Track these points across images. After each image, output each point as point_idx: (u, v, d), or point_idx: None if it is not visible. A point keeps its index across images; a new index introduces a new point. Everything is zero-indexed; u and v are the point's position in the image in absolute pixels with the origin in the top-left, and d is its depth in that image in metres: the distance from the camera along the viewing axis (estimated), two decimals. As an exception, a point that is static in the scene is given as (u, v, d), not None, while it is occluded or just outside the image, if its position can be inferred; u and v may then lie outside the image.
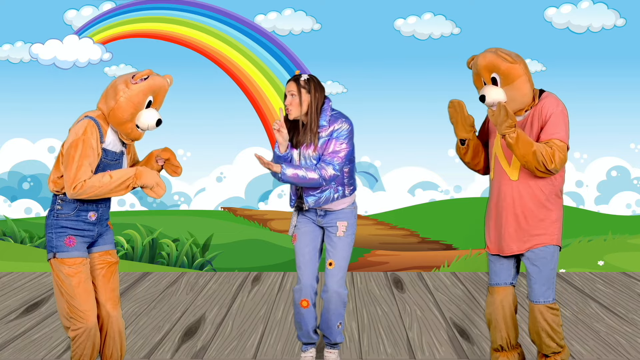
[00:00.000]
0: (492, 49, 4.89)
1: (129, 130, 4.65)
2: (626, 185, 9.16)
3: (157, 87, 4.68)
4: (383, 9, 9.07)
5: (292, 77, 5.34)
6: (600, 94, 9.04)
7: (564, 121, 4.82)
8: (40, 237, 9.12)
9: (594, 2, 9.01)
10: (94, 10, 9.08)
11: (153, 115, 4.67)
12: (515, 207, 4.89)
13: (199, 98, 9.11)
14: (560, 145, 4.76)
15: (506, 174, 4.92)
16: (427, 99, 9.01)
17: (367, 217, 9.19)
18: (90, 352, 4.73)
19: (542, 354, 5.08)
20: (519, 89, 4.81)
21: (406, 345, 6.19)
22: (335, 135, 5.28)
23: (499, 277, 5.06)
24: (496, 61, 4.80)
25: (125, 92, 4.60)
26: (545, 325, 4.96)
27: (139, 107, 4.63)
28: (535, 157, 4.71)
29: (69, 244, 4.67)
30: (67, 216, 4.69)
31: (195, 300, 7.65)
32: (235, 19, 9.11)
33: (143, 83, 4.63)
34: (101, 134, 4.62)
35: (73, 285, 4.64)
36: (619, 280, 8.52)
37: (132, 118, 4.63)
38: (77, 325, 4.67)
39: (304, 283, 5.39)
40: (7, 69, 9.10)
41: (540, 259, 4.90)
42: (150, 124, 4.67)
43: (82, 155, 4.53)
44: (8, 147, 9.18)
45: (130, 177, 4.60)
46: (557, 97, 4.92)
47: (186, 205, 9.23)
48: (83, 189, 4.52)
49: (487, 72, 4.83)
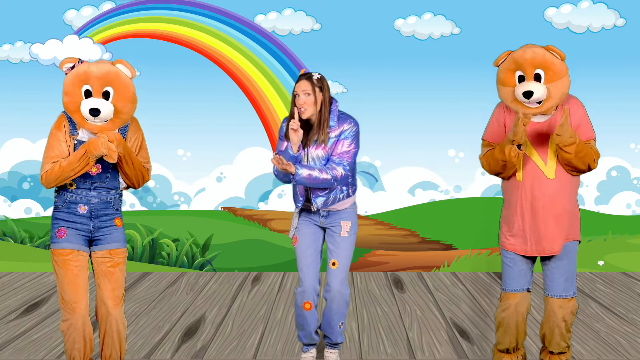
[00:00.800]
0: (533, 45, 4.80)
1: (79, 121, 4.66)
2: (626, 185, 9.16)
3: (83, 75, 4.62)
4: (383, 9, 9.07)
5: (304, 75, 5.29)
6: (600, 94, 9.03)
7: (590, 120, 4.94)
8: (40, 237, 9.12)
9: (594, 2, 9.01)
10: (94, 10, 9.08)
11: (85, 105, 4.60)
12: (556, 207, 4.84)
13: (199, 98, 9.10)
14: (594, 145, 4.87)
15: (542, 173, 4.84)
16: (427, 99, 9.01)
17: (367, 217, 9.19)
18: (82, 346, 4.73)
19: (548, 350, 5.06)
20: (562, 87, 4.78)
21: (406, 345, 6.19)
22: (344, 136, 5.27)
23: (517, 283, 4.97)
24: (549, 57, 4.75)
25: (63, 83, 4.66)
26: (561, 322, 4.94)
27: (75, 98, 4.62)
28: (587, 156, 4.79)
29: (60, 235, 4.74)
30: (60, 208, 4.77)
31: (195, 300, 7.65)
32: (235, 19, 9.11)
33: (69, 73, 4.66)
34: (74, 126, 4.71)
35: (61, 276, 4.71)
36: (619, 280, 8.52)
37: (75, 109, 4.63)
38: (65, 317, 4.74)
39: (307, 285, 5.38)
40: (7, 69, 9.10)
41: (568, 253, 4.91)
42: (84, 114, 4.61)
43: (47, 148, 4.75)
44: (8, 147, 9.18)
45: (82, 154, 4.61)
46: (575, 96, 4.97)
47: (186, 205, 9.23)
48: (47, 179, 4.67)
49: (533, 67, 4.74)
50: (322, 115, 5.26)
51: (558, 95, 4.77)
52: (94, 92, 4.61)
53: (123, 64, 4.69)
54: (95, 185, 4.75)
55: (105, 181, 4.77)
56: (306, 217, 5.46)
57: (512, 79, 4.78)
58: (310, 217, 5.45)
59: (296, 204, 5.46)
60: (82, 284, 4.72)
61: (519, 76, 4.77)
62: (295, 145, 5.24)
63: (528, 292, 5.01)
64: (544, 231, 4.87)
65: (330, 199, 5.33)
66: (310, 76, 5.26)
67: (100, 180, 4.76)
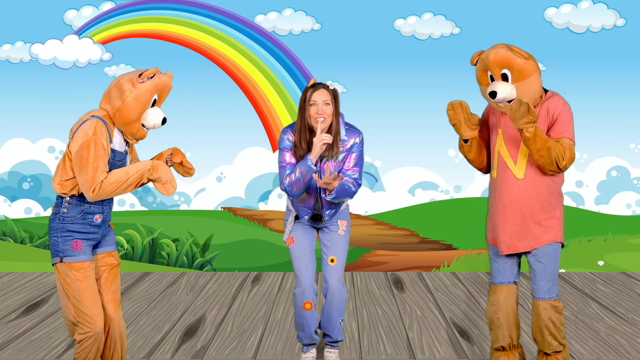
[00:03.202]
0: (502, 44, 4.86)
1: (135, 130, 4.59)
2: (626, 185, 9.16)
3: (163, 85, 4.63)
4: (383, 9, 9.07)
5: (320, 85, 5.16)
6: (600, 94, 9.04)
7: (571, 120, 4.87)
8: (40, 237, 9.12)
9: (594, 2, 9.01)
10: (94, 10, 9.08)
11: (159, 114, 4.63)
12: (522, 206, 4.90)
13: (199, 98, 9.10)
14: (570, 144, 4.81)
15: (512, 172, 4.91)
16: (427, 99, 9.01)
17: (367, 217, 9.19)
18: (95, 355, 4.70)
19: (543, 352, 5.09)
20: (531, 86, 4.80)
21: (406, 345, 6.19)
22: (355, 150, 5.24)
23: (502, 276, 5.07)
24: (510, 56, 4.76)
25: (132, 91, 4.53)
26: (548, 322, 4.97)
27: (146, 107, 4.58)
28: (550, 153, 4.73)
29: (76, 247, 4.59)
30: (74, 219, 4.60)
31: (195, 300, 7.65)
32: (235, 19, 9.11)
33: (149, 82, 4.57)
34: (109, 134, 4.55)
35: (81, 290, 4.57)
36: (619, 280, 8.52)
37: (139, 117, 4.57)
38: (85, 330, 4.61)
39: (306, 286, 5.37)
40: (7, 69, 9.10)
41: (546, 256, 4.92)
42: (156, 123, 4.62)
43: (96, 156, 4.45)
44: (8, 147, 9.18)
45: (147, 169, 4.53)
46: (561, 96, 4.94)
47: (186, 205, 9.23)
48: (102, 189, 4.45)
49: (499, 68, 4.79)
50: (334, 129, 5.16)
51: (529, 93, 4.80)
52: (158, 102, 4.69)
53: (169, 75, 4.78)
54: None
55: None
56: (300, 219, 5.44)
57: (486, 78, 4.88)
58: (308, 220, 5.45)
59: (302, 217, 5.38)
60: (98, 295, 4.66)
61: (490, 76, 4.85)
62: (316, 156, 5.08)
63: (515, 285, 5.08)
64: (510, 230, 4.94)
65: (337, 210, 5.36)
66: (327, 86, 5.15)
67: None
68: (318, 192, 5.27)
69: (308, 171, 5.07)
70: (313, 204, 5.31)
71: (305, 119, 5.15)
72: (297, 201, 5.31)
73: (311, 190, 5.25)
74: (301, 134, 5.17)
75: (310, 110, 5.11)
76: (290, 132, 5.23)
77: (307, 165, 5.07)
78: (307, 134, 5.17)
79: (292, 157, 5.20)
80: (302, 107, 5.16)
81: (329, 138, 5.04)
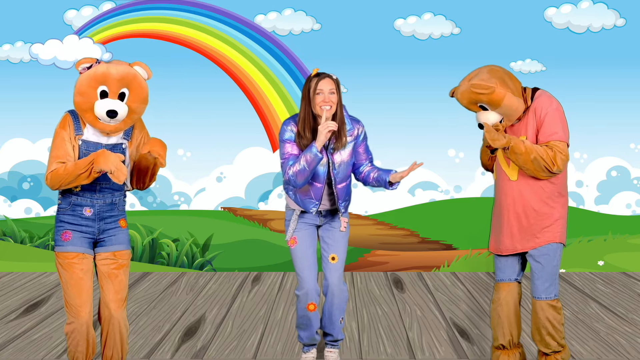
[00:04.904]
0: (465, 81, 4.91)
1: (91, 120, 4.62)
2: (626, 185, 9.16)
3: (101, 75, 4.59)
4: (383, 9, 9.07)
5: (324, 74, 5.16)
6: (600, 94, 9.04)
7: (560, 119, 4.84)
8: (40, 237, 9.12)
9: (594, 2, 9.01)
10: (94, 10, 9.08)
11: (101, 106, 4.58)
12: (517, 207, 4.92)
13: (199, 98, 9.10)
14: (560, 146, 4.78)
15: (506, 174, 4.95)
16: (427, 99, 9.01)
17: (367, 217, 9.19)
18: (85, 348, 4.72)
19: (543, 352, 5.09)
20: (508, 107, 4.87)
21: (406, 345, 6.19)
22: (362, 139, 5.31)
23: (504, 274, 5.10)
24: (475, 97, 4.86)
25: (77, 83, 4.63)
26: (546, 322, 4.98)
27: (89, 98, 4.59)
28: (534, 164, 4.75)
29: (65, 238, 4.69)
30: (65, 211, 4.72)
31: (195, 300, 7.65)
32: (235, 19, 9.11)
33: (85, 73, 4.62)
34: (78, 126, 4.65)
35: (66, 279, 4.67)
36: (619, 280, 8.52)
37: (87, 108, 4.60)
38: (70, 320, 4.71)
39: (309, 288, 5.35)
40: (7, 69, 9.10)
41: (543, 256, 4.93)
42: (100, 115, 4.59)
43: (53, 148, 4.68)
44: (8, 147, 9.18)
45: (89, 163, 4.54)
46: (550, 94, 4.92)
47: (186, 205, 9.23)
48: (51, 179, 4.62)
49: (471, 105, 4.91)
50: (339, 118, 5.17)
51: (510, 112, 4.87)
52: (110, 93, 4.60)
53: (141, 65, 4.68)
54: (100, 187, 4.71)
55: (110, 182, 4.73)
56: (303, 217, 5.42)
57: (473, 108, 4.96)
58: (310, 218, 5.40)
59: (308, 209, 5.32)
60: (86, 287, 4.69)
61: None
62: (322, 143, 5.06)
63: (518, 283, 5.10)
64: (507, 230, 4.98)
65: (349, 201, 5.38)
66: (331, 76, 5.15)
67: (106, 181, 4.71)
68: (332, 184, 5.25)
69: (314, 159, 5.06)
70: (321, 195, 5.28)
71: (312, 107, 5.14)
72: (302, 193, 5.27)
73: (320, 180, 5.23)
74: (305, 123, 5.15)
75: (317, 98, 5.11)
76: (293, 123, 5.21)
77: (313, 152, 5.05)
78: (311, 122, 5.16)
79: (294, 148, 5.18)
80: (306, 96, 5.14)
81: (334, 125, 5.05)
